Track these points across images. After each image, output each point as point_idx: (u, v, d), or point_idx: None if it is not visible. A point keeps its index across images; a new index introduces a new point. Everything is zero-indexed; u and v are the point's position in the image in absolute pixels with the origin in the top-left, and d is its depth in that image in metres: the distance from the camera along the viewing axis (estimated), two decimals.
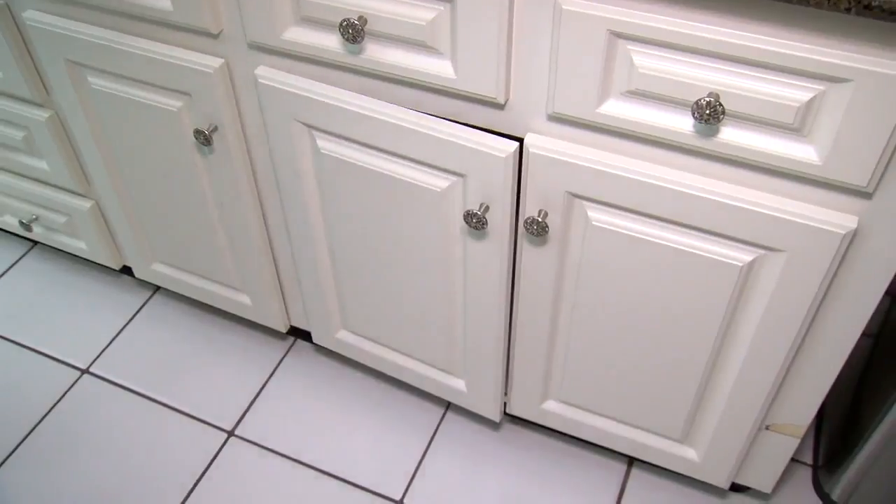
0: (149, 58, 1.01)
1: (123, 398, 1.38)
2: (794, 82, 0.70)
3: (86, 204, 1.35)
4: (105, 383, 1.41)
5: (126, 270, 1.55)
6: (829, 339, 0.90)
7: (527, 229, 0.91)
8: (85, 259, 1.60)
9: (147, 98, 1.07)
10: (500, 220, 0.93)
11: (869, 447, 1.09)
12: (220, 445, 1.31)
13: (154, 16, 0.96)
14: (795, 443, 1.05)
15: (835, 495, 1.20)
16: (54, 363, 1.44)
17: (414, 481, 1.26)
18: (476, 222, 0.91)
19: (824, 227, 0.78)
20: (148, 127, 1.11)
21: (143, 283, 1.56)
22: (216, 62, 0.98)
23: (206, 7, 0.92)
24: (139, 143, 1.15)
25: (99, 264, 1.59)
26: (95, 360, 1.44)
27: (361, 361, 1.31)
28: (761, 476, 1.12)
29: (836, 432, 1.21)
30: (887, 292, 1.32)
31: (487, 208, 0.92)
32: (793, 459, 1.28)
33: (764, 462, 1.10)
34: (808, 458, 1.28)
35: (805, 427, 1.02)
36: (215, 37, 0.97)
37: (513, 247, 0.97)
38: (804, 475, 1.26)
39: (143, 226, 1.31)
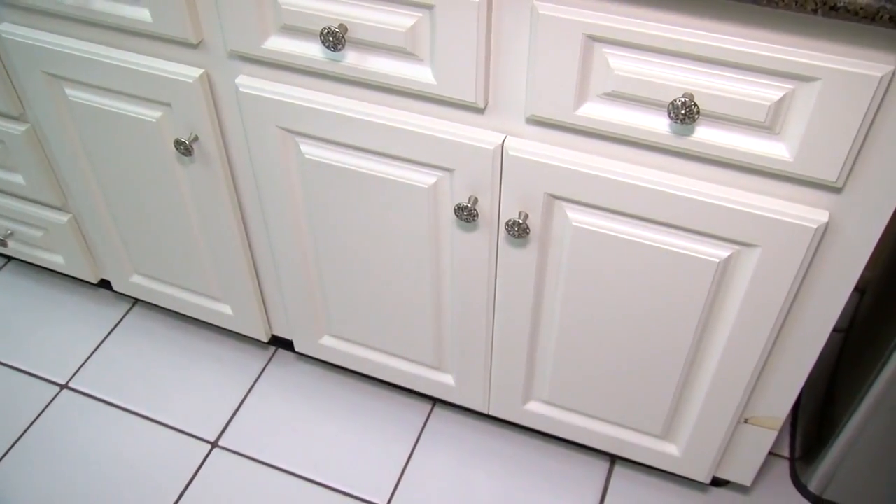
0: (127, 69, 1.01)
1: (104, 412, 1.37)
2: (764, 82, 0.73)
3: (63, 218, 1.34)
4: (85, 398, 1.40)
5: (104, 284, 1.54)
6: (803, 332, 0.92)
7: (508, 231, 0.92)
8: (62, 273, 1.58)
9: (126, 109, 1.07)
10: (488, 211, 0.94)
11: (843, 439, 1.12)
12: (203, 457, 1.31)
13: (133, 27, 0.97)
14: (773, 435, 1.07)
15: (812, 486, 1.23)
16: (33, 379, 1.42)
17: (400, 484, 1.27)
18: (467, 215, 0.93)
19: (797, 221, 0.80)
20: (127, 138, 1.11)
21: (122, 296, 1.56)
22: (196, 72, 0.98)
23: (186, 18, 0.93)
24: (118, 154, 1.15)
25: (76, 278, 1.58)
26: (75, 374, 1.43)
27: (346, 366, 1.31)
28: (741, 469, 1.14)
29: (812, 425, 1.24)
30: (855, 287, 1.36)
31: (476, 200, 0.93)
32: (770, 453, 1.30)
33: (743, 455, 1.12)
34: (785, 451, 1.31)
35: (782, 419, 1.04)
36: (195, 47, 0.97)
37: (496, 240, 0.99)
38: (781, 468, 1.29)
39: (121, 238, 1.31)
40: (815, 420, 1.23)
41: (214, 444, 1.33)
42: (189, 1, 0.92)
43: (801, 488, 1.25)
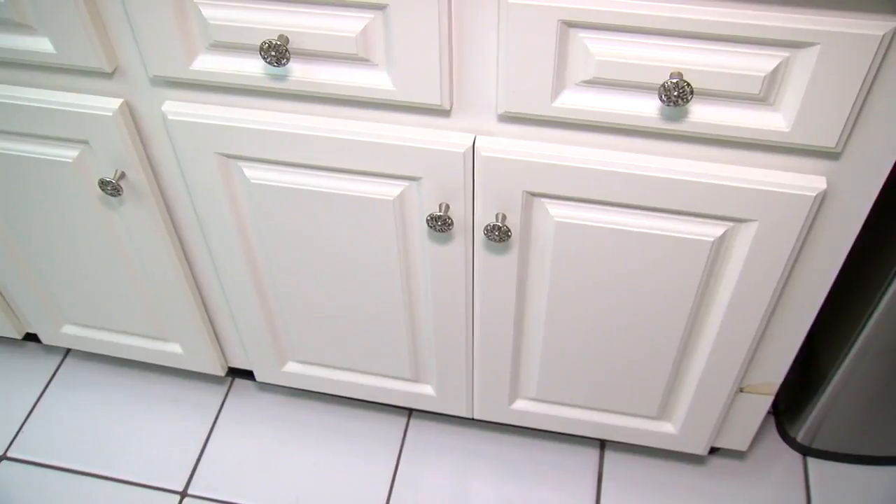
0: (31, 108, 0.89)
1: (54, 479, 1.25)
2: (758, 52, 0.68)
3: None
4: (29, 466, 1.27)
5: (30, 337, 1.40)
6: (800, 297, 0.90)
7: (487, 236, 0.86)
8: None
9: (34, 152, 0.95)
10: (462, 217, 0.87)
11: (831, 387, 1.12)
12: None
13: (34, 60, 0.84)
14: (769, 400, 1.05)
15: (800, 437, 1.23)
16: None
17: (391, 502, 1.20)
18: (441, 224, 0.86)
19: (795, 191, 0.76)
20: (41, 184, 0.98)
21: (52, 348, 1.42)
22: (114, 103, 0.87)
23: (95, 43, 0.81)
24: (33, 202, 1.02)
25: None
26: (12, 442, 1.30)
27: (313, 390, 1.23)
28: (737, 436, 1.13)
29: (796, 378, 1.23)
30: None
31: (448, 207, 0.86)
32: None
33: (739, 423, 1.10)
34: (770, 407, 1.30)
35: (778, 384, 1.02)
36: (110, 75, 0.86)
37: (471, 247, 0.92)
38: (768, 423, 1.28)
39: (47, 289, 1.18)
40: (799, 373, 1.22)
41: (184, 494, 1.23)
42: (97, 24, 0.80)
43: (790, 441, 1.25)
